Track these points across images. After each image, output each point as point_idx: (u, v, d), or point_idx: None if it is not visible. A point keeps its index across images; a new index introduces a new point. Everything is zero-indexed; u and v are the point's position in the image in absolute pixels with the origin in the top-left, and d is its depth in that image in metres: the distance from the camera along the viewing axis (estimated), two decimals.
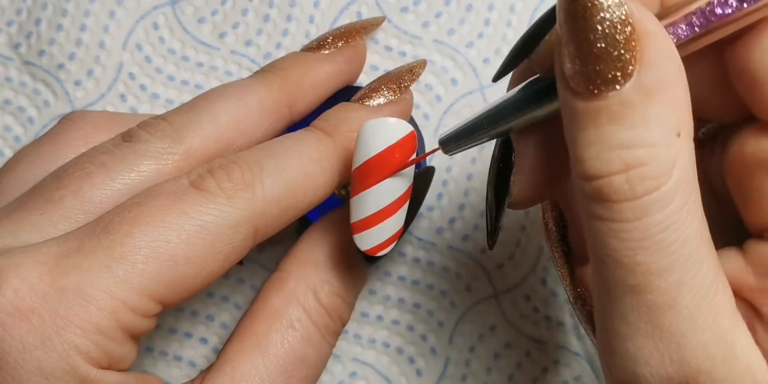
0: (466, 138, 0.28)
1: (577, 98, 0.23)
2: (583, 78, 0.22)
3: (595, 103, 0.22)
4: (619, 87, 0.22)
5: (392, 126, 0.28)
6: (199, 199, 0.26)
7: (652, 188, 0.22)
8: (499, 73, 0.29)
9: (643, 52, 0.22)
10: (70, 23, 0.41)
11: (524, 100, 0.27)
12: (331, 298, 0.31)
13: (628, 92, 0.22)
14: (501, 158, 0.29)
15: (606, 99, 0.22)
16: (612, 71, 0.22)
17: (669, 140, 0.22)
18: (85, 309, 0.24)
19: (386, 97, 0.33)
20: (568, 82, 0.23)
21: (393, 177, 0.28)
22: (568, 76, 0.23)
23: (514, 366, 0.40)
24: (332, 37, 0.36)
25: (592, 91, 0.22)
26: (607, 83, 0.22)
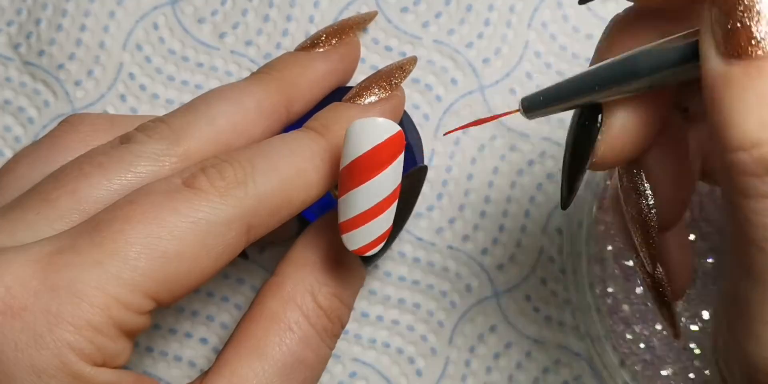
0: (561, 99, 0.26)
1: (731, 63, 0.21)
2: (742, 38, 0.21)
3: (755, 63, 0.21)
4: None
5: (379, 126, 0.28)
6: (191, 197, 0.26)
7: None
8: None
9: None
10: (70, 23, 0.41)
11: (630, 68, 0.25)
12: (329, 299, 0.31)
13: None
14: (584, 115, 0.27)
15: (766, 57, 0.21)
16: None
17: None
18: (77, 305, 0.24)
19: (377, 95, 0.33)
20: (721, 47, 0.21)
21: (380, 176, 0.28)
22: (719, 39, 0.21)
23: (514, 366, 0.40)
24: (326, 35, 0.36)
25: (755, 51, 0.21)
26: None
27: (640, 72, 0.24)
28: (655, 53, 0.24)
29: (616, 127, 0.27)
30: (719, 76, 0.22)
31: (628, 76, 0.25)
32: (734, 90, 0.21)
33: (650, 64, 0.24)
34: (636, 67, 0.25)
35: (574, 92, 0.26)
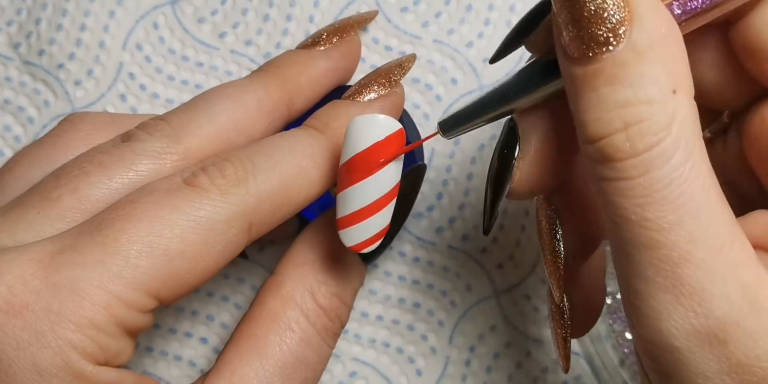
0: (467, 120, 0.29)
1: (574, 64, 0.24)
2: (578, 43, 0.23)
3: (592, 66, 0.23)
4: (613, 48, 0.23)
5: (380, 122, 0.28)
6: (192, 195, 0.26)
7: (652, 144, 0.23)
8: (496, 55, 0.29)
9: (633, 12, 0.23)
10: (70, 23, 0.41)
11: (525, 80, 0.27)
12: (328, 298, 0.31)
13: (621, 52, 0.23)
14: (505, 143, 0.29)
15: (601, 61, 0.23)
16: (604, 33, 0.23)
17: (665, 97, 0.23)
18: (78, 304, 0.24)
19: (377, 93, 0.33)
20: (565, 51, 0.24)
21: (379, 173, 0.28)
22: (564, 45, 0.24)
23: (514, 366, 0.40)
24: (327, 34, 0.36)
25: (587, 54, 0.23)
26: (601, 45, 0.23)
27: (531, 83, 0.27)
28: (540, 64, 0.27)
29: (530, 155, 0.29)
30: (567, 77, 0.24)
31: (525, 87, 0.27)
32: (578, 90, 0.24)
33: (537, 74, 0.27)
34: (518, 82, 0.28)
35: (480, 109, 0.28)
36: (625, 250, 0.24)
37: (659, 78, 0.23)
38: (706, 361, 0.23)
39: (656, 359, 0.24)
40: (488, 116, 0.28)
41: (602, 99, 0.23)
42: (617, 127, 0.23)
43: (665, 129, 0.23)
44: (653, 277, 0.23)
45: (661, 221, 0.23)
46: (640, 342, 0.25)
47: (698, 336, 0.23)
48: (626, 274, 0.24)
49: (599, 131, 0.23)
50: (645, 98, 0.23)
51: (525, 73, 0.27)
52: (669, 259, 0.23)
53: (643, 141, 0.23)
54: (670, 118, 0.23)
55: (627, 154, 0.23)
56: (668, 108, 0.23)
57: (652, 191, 0.23)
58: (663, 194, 0.23)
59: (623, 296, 0.25)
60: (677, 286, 0.23)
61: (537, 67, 0.27)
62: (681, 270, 0.23)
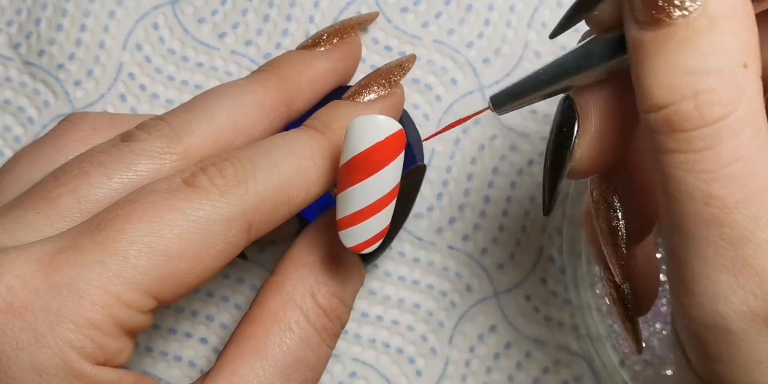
0: (521, 95, 0.28)
1: (645, 29, 0.23)
2: (652, 5, 0.22)
3: (664, 31, 0.22)
4: (687, 13, 0.22)
5: (380, 123, 0.28)
6: (191, 196, 0.26)
7: (722, 115, 0.22)
8: (556, 30, 0.28)
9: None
10: (70, 23, 0.41)
11: (585, 56, 0.27)
12: (328, 299, 0.31)
13: (696, 18, 0.22)
14: (563, 122, 0.29)
15: (674, 25, 0.22)
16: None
17: (736, 69, 0.22)
18: (78, 304, 0.24)
19: (377, 93, 0.33)
20: (635, 15, 0.23)
21: (379, 174, 0.28)
22: (635, 8, 0.23)
23: (514, 366, 0.40)
24: (327, 35, 0.36)
25: (661, 18, 0.22)
26: (676, 9, 0.22)
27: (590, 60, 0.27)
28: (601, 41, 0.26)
29: (591, 133, 0.28)
30: (635, 44, 0.23)
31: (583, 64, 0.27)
32: (646, 56, 0.23)
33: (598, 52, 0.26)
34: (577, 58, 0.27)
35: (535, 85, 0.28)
36: (684, 228, 0.23)
37: (731, 49, 0.22)
38: (761, 346, 0.23)
39: (707, 342, 0.24)
40: (543, 92, 0.28)
41: (671, 64, 0.22)
42: (686, 94, 0.22)
43: (736, 101, 0.22)
44: (713, 257, 0.23)
45: (726, 199, 0.22)
46: (689, 323, 0.24)
47: (756, 319, 0.23)
48: (681, 253, 0.24)
49: (666, 98, 0.22)
50: (716, 67, 0.22)
51: (585, 49, 0.27)
52: (731, 239, 0.22)
53: (712, 111, 0.22)
54: (741, 91, 0.22)
55: (695, 123, 0.22)
56: (739, 81, 0.22)
57: (720, 166, 0.22)
58: (730, 170, 0.22)
59: (673, 276, 0.24)
60: (738, 268, 0.23)
61: (598, 44, 0.26)
62: (744, 250, 0.22)
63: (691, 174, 0.22)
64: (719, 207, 0.22)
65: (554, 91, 0.28)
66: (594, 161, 0.28)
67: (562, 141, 0.29)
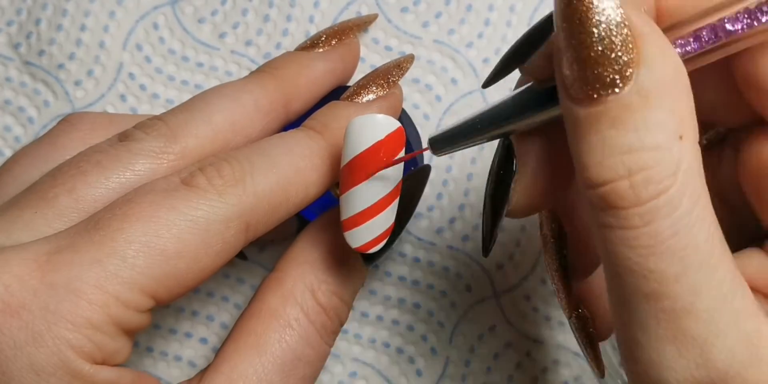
0: (459, 139, 0.28)
1: (577, 105, 0.23)
2: (582, 83, 0.22)
3: (596, 109, 0.22)
4: (619, 90, 0.22)
5: (379, 122, 0.28)
6: (189, 195, 0.26)
7: (658, 192, 0.22)
8: (489, 79, 0.29)
9: (641, 54, 0.22)
10: (70, 23, 0.41)
11: (521, 105, 0.26)
12: (328, 297, 0.31)
13: (627, 95, 0.22)
14: (501, 164, 0.29)
15: (606, 103, 0.22)
16: (611, 74, 0.22)
17: (671, 143, 0.22)
18: (75, 303, 0.24)
19: (375, 93, 0.33)
20: (568, 90, 0.23)
21: (381, 173, 0.28)
22: (567, 83, 0.23)
23: (514, 366, 0.40)
24: (326, 36, 0.36)
25: (592, 96, 0.22)
26: (606, 87, 0.22)
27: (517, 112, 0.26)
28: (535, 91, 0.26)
29: (527, 175, 0.28)
30: (570, 118, 0.23)
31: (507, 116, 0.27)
32: (581, 133, 0.23)
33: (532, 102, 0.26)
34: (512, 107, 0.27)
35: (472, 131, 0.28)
36: (625, 300, 0.23)
37: (666, 123, 0.22)
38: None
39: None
40: (480, 138, 0.28)
41: (606, 143, 0.22)
42: (621, 174, 0.22)
43: (671, 177, 0.22)
44: (655, 329, 0.23)
45: (665, 272, 0.22)
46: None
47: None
48: (626, 323, 0.24)
49: (602, 176, 0.22)
50: (651, 144, 0.22)
51: (520, 97, 0.26)
52: (672, 311, 0.23)
53: (648, 189, 0.22)
54: (676, 165, 0.22)
55: (631, 202, 0.22)
56: (674, 155, 0.22)
57: (657, 241, 0.22)
58: (668, 245, 0.22)
59: (621, 344, 0.25)
60: (680, 338, 0.23)
61: (533, 94, 0.26)
62: (684, 322, 0.23)
63: (630, 249, 0.22)
64: (658, 280, 0.22)
65: (491, 136, 0.28)
66: (531, 205, 0.29)
67: (500, 184, 0.29)
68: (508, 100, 0.27)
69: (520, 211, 0.29)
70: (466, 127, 0.28)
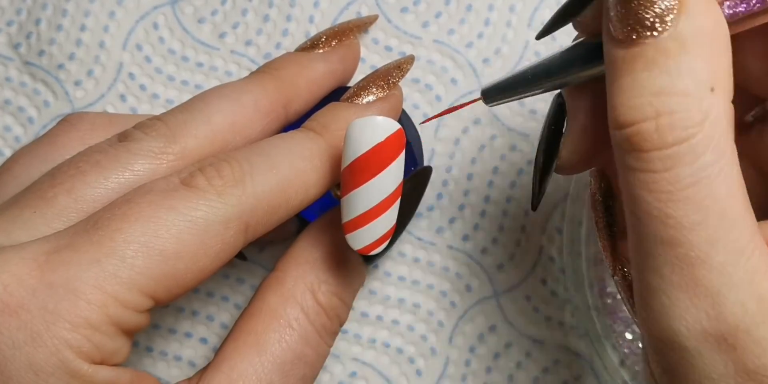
0: (511, 90, 0.28)
1: (616, 45, 0.23)
2: (623, 24, 0.23)
3: (633, 50, 0.23)
4: (657, 34, 0.22)
5: (379, 124, 0.28)
6: (188, 196, 0.26)
7: (682, 139, 0.22)
8: (542, 31, 0.29)
9: (684, 3, 0.22)
10: (70, 23, 0.41)
11: (572, 58, 0.27)
12: (328, 297, 0.31)
13: (665, 40, 0.22)
14: (554, 120, 0.29)
15: (643, 45, 0.23)
16: (651, 17, 0.22)
17: (702, 92, 0.22)
18: (74, 303, 0.24)
19: (375, 95, 0.33)
20: (610, 30, 0.23)
21: (382, 174, 0.28)
22: (611, 24, 0.23)
23: (514, 366, 0.39)
24: (326, 37, 0.36)
25: (631, 37, 0.23)
26: (646, 29, 0.22)
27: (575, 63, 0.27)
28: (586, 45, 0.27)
29: (576, 131, 0.28)
30: (609, 59, 0.24)
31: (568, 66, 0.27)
32: (617, 73, 0.23)
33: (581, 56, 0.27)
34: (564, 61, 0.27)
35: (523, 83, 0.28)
36: (643, 245, 0.23)
37: (699, 72, 0.22)
38: (713, 363, 0.23)
39: (663, 355, 0.24)
40: (531, 90, 0.28)
41: (637, 84, 0.23)
42: (648, 115, 0.22)
43: (698, 125, 0.22)
44: (669, 275, 0.23)
45: (683, 220, 0.22)
46: (648, 337, 0.25)
47: (708, 338, 0.23)
48: (642, 268, 0.24)
49: (629, 117, 0.23)
50: (681, 90, 0.22)
51: (571, 53, 0.27)
52: (687, 259, 0.23)
53: (672, 134, 0.22)
54: (704, 114, 0.22)
55: (654, 145, 0.22)
56: (703, 104, 0.22)
57: (677, 188, 0.22)
58: (688, 193, 0.22)
59: (636, 290, 0.25)
60: (692, 287, 0.23)
61: (583, 49, 0.27)
62: (698, 271, 0.23)
63: (650, 193, 0.23)
64: (676, 227, 0.23)
65: (542, 89, 0.28)
66: (579, 159, 0.29)
67: (551, 138, 0.29)
68: (560, 53, 0.27)
69: (569, 167, 0.29)
70: (518, 79, 0.28)
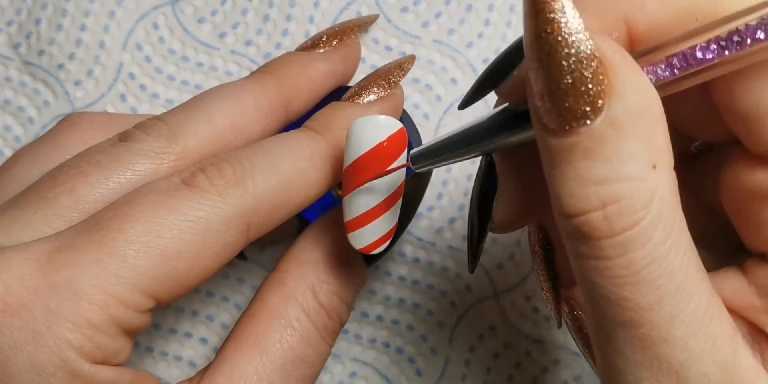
0: (437, 156, 0.28)
1: (550, 135, 0.22)
2: (553, 115, 0.22)
3: (568, 140, 0.22)
4: (590, 122, 0.21)
5: (381, 123, 0.28)
6: (190, 196, 0.26)
7: (631, 224, 0.22)
8: (464, 101, 0.28)
9: (612, 85, 0.22)
10: (70, 23, 0.41)
11: (497, 125, 0.26)
12: (329, 297, 0.31)
13: (599, 127, 0.21)
14: (484, 181, 0.29)
15: (578, 135, 0.22)
16: (582, 106, 0.21)
17: (645, 173, 0.22)
18: (76, 303, 0.24)
19: (376, 94, 0.33)
20: (541, 120, 0.22)
21: (384, 175, 0.28)
22: (540, 114, 0.22)
23: (514, 366, 0.40)
24: (326, 36, 0.36)
25: (564, 127, 0.22)
26: (578, 119, 0.21)
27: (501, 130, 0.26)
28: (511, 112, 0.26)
29: (509, 194, 0.28)
30: (543, 147, 0.23)
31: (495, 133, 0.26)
32: (555, 162, 0.22)
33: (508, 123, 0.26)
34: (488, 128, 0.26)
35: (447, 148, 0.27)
36: (603, 327, 0.23)
37: (639, 153, 0.22)
38: None
39: None
40: (458, 156, 0.28)
41: (578, 174, 0.22)
42: (594, 205, 0.22)
43: (645, 207, 0.22)
44: (632, 355, 0.23)
45: (640, 301, 0.22)
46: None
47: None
48: (603, 350, 0.24)
49: (575, 208, 0.22)
50: (624, 175, 0.22)
51: (497, 118, 0.26)
52: (647, 338, 0.23)
53: (621, 221, 0.22)
54: (650, 195, 0.22)
55: (604, 233, 0.22)
56: (648, 185, 0.22)
57: (631, 272, 0.22)
58: (643, 275, 0.22)
59: (599, 369, 0.25)
60: (656, 365, 0.23)
61: (509, 115, 0.26)
62: (659, 349, 0.23)
63: (604, 279, 0.22)
64: (634, 309, 0.22)
65: (470, 155, 0.27)
66: (514, 219, 0.29)
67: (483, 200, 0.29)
68: (484, 120, 0.26)
69: (504, 227, 0.29)
70: (444, 145, 0.28)
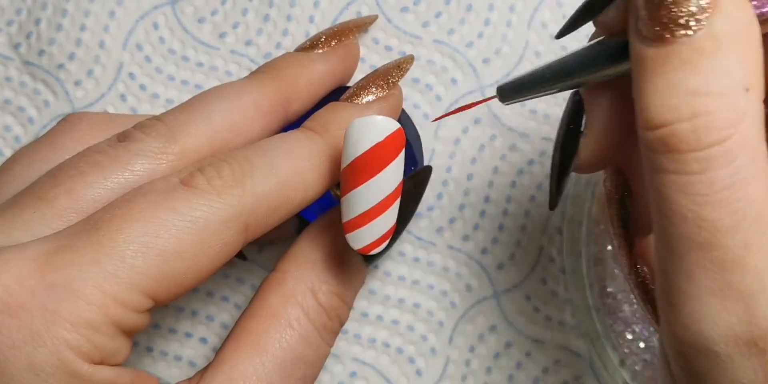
0: (527, 89, 0.28)
1: (647, 44, 0.22)
2: (655, 22, 0.22)
3: (666, 49, 0.22)
4: (692, 32, 0.22)
5: (379, 124, 0.28)
6: (188, 196, 0.26)
7: (719, 140, 0.22)
8: (562, 31, 0.28)
9: (718, 0, 0.22)
10: (70, 23, 0.41)
11: (591, 57, 0.26)
12: (329, 297, 0.31)
13: (700, 39, 0.22)
14: (572, 118, 0.29)
15: (677, 44, 0.22)
16: (686, 16, 0.22)
17: (737, 93, 0.22)
18: (74, 304, 0.24)
19: (375, 95, 0.33)
20: (639, 29, 0.23)
21: (382, 174, 0.28)
22: (640, 23, 0.22)
23: (514, 366, 0.39)
24: (325, 37, 0.36)
25: (663, 35, 0.22)
26: (680, 27, 0.22)
27: (595, 62, 0.26)
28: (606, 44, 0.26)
29: (597, 130, 0.28)
30: (637, 58, 0.23)
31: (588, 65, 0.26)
32: (647, 73, 0.22)
33: (602, 55, 0.26)
34: (583, 59, 0.26)
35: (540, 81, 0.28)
36: (674, 247, 0.23)
37: (734, 72, 0.22)
38: (743, 369, 0.23)
39: (691, 360, 0.24)
40: (547, 89, 0.28)
41: (672, 84, 0.22)
42: (683, 116, 0.22)
43: (733, 126, 0.22)
44: (701, 280, 0.23)
45: (717, 223, 0.22)
46: (674, 341, 0.24)
47: (739, 343, 0.23)
48: (670, 272, 0.23)
49: (663, 118, 0.22)
50: (717, 90, 0.22)
51: (591, 50, 0.26)
52: (720, 263, 0.22)
53: (709, 135, 0.22)
54: (740, 115, 0.22)
55: (691, 146, 0.22)
56: (739, 104, 0.22)
57: (712, 191, 0.22)
58: (723, 195, 0.22)
59: (661, 293, 0.24)
60: (725, 291, 0.22)
61: (605, 47, 0.26)
62: (731, 275, 0.22)
63: (685, 196, 0.22)
64: (710, 231, 0.22)
65: (559, 88, 0.28)
66: (599, 158, 0.28)
67: (570, 137, 0.29)
68: (579, 52, 0.27)
69: (588, 166, 0.29)
70: (535, 77, 0.28)
